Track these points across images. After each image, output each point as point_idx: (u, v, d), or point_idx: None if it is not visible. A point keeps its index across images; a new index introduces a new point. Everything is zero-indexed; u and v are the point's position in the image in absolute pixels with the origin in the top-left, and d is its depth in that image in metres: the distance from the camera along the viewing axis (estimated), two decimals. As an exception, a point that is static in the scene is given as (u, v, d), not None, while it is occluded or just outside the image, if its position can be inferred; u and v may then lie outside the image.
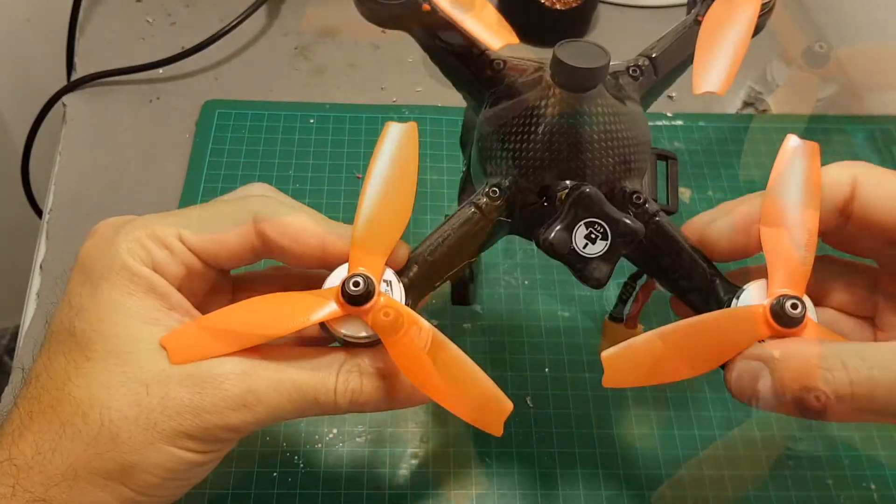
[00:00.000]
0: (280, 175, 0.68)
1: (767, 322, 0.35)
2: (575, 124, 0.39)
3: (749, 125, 0.68)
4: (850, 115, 0.77)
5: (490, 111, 0.43)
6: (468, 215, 0.40)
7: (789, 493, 0.54)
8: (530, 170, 0.40)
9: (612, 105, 0.40)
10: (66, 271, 0.61)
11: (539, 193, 0.40)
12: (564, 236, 0.37)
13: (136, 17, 0.81)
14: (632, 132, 0.41)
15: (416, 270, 0.39)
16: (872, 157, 0.73)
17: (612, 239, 0.37)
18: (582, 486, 0.54)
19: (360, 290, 0.35)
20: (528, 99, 0.41)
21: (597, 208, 0.37)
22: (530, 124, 0.40)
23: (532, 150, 0.40)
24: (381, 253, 0.37)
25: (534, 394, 0.57)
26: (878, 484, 0.55)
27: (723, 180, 0.71)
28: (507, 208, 0.41)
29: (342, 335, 0.37)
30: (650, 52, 0.45)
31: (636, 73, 0.44)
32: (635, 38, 0.83)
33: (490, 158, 0.42)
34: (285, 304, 0.37)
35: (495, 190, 0.40)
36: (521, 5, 0.80)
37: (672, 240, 0.40)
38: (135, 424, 0.34)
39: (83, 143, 0.70)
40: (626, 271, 0.45)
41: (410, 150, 0.39)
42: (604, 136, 0.39)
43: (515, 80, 0.43)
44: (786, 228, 0.37)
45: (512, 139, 0.41)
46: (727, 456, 0.55)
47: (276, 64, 0.78)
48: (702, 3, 0.45)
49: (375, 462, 0.54)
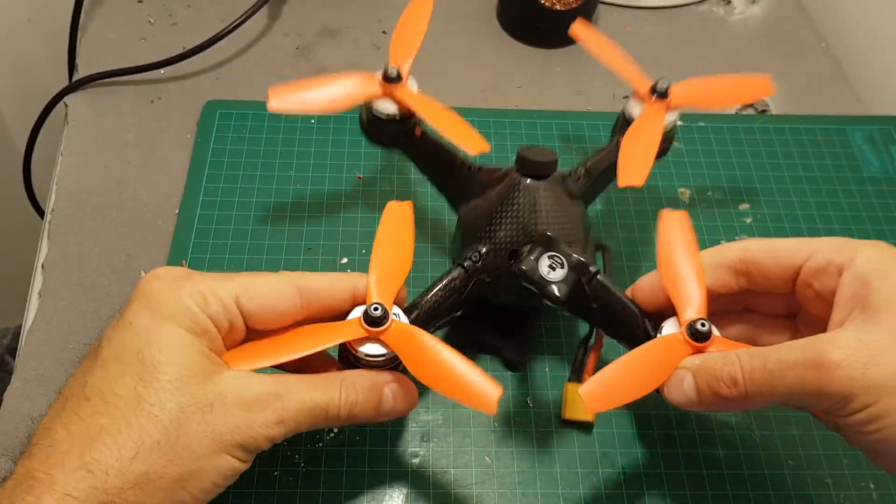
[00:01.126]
0: (281, 175, 0.68)
1: (687, 342, 0.46)
2: (534, 203, 0.53)
3: (748, 125, 0.68)
4: (850, 116, 0.77)
5: (470, 203, 0.56)
6: (456, 273, 0.52)
7: (788, 493, 0.54)
8: (502, 237, 0.53)
9: (559, 192, 0.54)
10: (68, 271, 0.62)
11: (509, 257, 0.53)
12: (533, 265, 0.50)
13: (138, 17, 0.81)
14: (572, 212, 0.54)
15: (417, 314, 0.50)
16: (871, 157, 0.73)
17: (568, 268, 0.50)
18: (581, 485, 0.54)
19: (380, 313, 0.45)
20: (500, 189, 0.54)
21: (555, 246, 0.50)
22: (502, 205, 0.53)
23: (504, 222, 0.53)
24: (389, 294, 0.47)
25: (533, 393, 0.58)
26: (877, 483, 0.55)
27: (722, 181, 0.71)
28: (485, 269, 0.53)
29: (364, 355, 0.46)
30: (586, 163, 0.58)
31: (577, 177, 0.57)
32: (634, 39, 0.84)
33: (472, 233, 0.54)
34: (318, 330, 0.47)
35: (477, 254, 0.53)
36: (522, 7, 0.80)
37: (610, 291, 0.51)
38: (204, 437, 0.41)
39: (85, 144, 0.70)
40: (575, 340, 0.58)
41: (407, 223, 0.51)
42: (553, 211, 0.53)
43: (488, 178, 0.56)
44: (680, 275, 0.48)
45: (489, 218, 0.53)
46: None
47: (277, 64, 0.78)
48: (619, 133, 0.59)
49: (376, 461, 0.54)
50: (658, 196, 0.69)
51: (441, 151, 0.59)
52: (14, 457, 0.41)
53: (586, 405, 0.45)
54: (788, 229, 0.68)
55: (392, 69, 0.57)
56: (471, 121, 0.72)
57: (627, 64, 0.60)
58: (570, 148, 0.72)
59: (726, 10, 0.88)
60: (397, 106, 0.57)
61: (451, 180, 0.59)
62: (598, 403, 0.45)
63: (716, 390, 0.44)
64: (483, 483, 0.54)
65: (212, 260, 0.63)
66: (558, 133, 0.73)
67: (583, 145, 0.72)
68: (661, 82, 0.58)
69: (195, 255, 0.63)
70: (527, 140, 0.72)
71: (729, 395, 0.43)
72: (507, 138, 0.72)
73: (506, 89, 0.78)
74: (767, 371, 0.42)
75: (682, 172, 0.71)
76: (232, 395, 0.42)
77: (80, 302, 0.61)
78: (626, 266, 0.64)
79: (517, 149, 0.54)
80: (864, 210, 0.69)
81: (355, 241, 0.65)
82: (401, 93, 0.57)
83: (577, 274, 0.50)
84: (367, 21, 0.83)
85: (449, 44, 0.81)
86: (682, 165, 0.72)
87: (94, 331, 0.59)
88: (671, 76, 0.57)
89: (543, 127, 0.74)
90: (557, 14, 0.79)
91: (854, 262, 0.44)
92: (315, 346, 0.46)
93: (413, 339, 0.46)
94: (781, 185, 0.71)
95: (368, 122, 0.59)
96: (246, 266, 0.62)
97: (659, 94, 0.58)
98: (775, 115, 0.77)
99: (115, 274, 0.62)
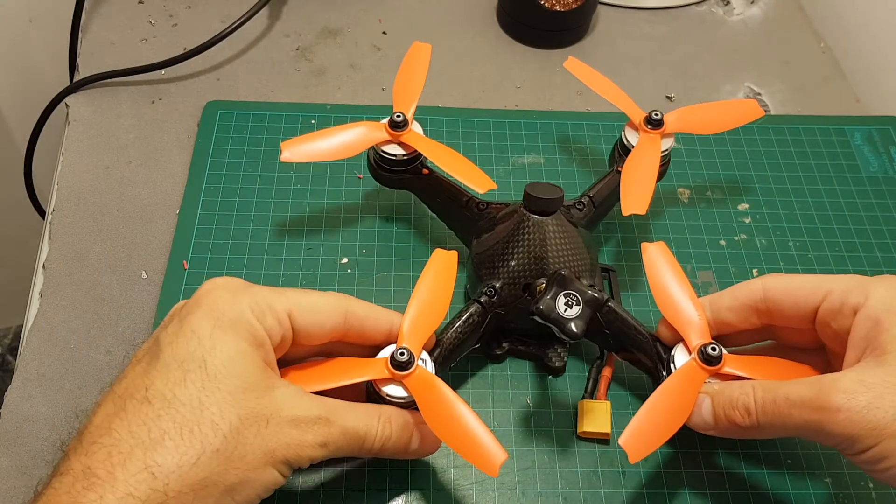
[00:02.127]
0: (281, 175, 0.68)
1: (701, 367, 0.49)
2: (543, 238, 0.55)
3: (748, 125, 0.68)
4: (849, 116, 0.77)
5: (481, 239, 0.58)
6: (473, 309, 0.54)
7: (788, 493, 0.54)
8: (515, 272, 0.55)
9: (566, 225, 0.56)
10: (69, 271, 0.62)
11: (523, 290, 0.55)
12: (550, 304, 0.51)
13: (139, 18, 0.81)
14: (579, 243, 0.56)
15: (439, 351, 0.52)
16: (870, 157, 0.73)
17: (583, 304, 0.51)
18: (581, 484, 0.54)
19: (405, 359, 0.47)
20: (509, 225, 0.56)
21: (569, 284, 0.51)
22: (513, 241, 0.55)
23: (516, 257, 0.55)
24: (419, 339, 0.49)
25: (532, 392, 0.58)
26: (876, 482, 0.55)
27: (721, 181, 0.71)
28: (501, 303, 0.55)
29: (385, 394, 0.48)
30: (589, 193, 0.61)
31: (581, 206, 0.60)
32: (634, 40, 0.84)
33: (486, 269, 0.56)
34: (354, 364, 0.49)
35: (492, 289, 0.55)
36: (523, 8, 0.80)
37: (621, 317, 0.53)
38: (258, 450, 0.42)
39: (86, 144, 0.70)
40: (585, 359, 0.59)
41: (450, 273, 0.53)
42: (562, 244, 0.55)
43: (495, 215, 0.59)
44: (676, 303, 0.51)
45: (501, 254, 0.56)
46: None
47: (277, 65, 0.78)
48: (619, 161, 0.62)
49: (376, 460, 0.54)
50: (658, 196, 0.69)
51: (449, 190, 0.62)
52: (63, 448, 0.42)
53: (630, 457, 0.46)
54: (787, 229, 0.68)
55: (398, 115, 0.59)
56: (471, 121, 0.73)
57: (621, 95, 0.63)
58: (570, 149, 0.72)
59: (725, 10, 0.88)
60: (403, 149, 0.60)
61: (459, 216, 0.62)
62: (639, 451, 0.46)
63: (731, 417, 0.46)
64: (482, 483, 0.54)
65: (212, 260, 0.63)
66: (558, 133, 0.73)
67: (582, 145, 0.72)
68: (654, 113, 0.60)
69: (196, 256, 0.63)
70: (526, 140, 0.72)
71: (742, 424, 0.45)
72: (508, 139, 0.72)
73: (506, 90, 0.78)
74: (777, 407, 0.44)
75: (681, 172, 0.71)
76: (287, 413, 0.43)
77: (80, 301, 0.60)
78: (628, 279, 0.64)
79: (524, 187, 0.56)
80: (863, 210, 0.69)
81: (356, 241, 0.65)
82: (407, 137, 0.60)
83: (593, 309, 0.51)
84: (367, 21, 0.83)
85: (449, 45, 0.81)
86: (681, 165, 0.72)
87: (95, 330, 0.59)
88: (671, 76, 0.57)
89: (543, 127, 0.74)
90: (557, 15, 0.79)
91: (867, 302, 0.45)
92: (346, 380, 0.48)
93: (433, 388, 0.48)
94: (780, 185, 0.71)
95: (377, 165, 0.62)
96: (246, 266, 0.62)
97: (654, 124, 0.60)
98: (774, 116, 0.77)
99: (116, 274, 0.62)
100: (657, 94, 0.78)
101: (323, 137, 0.60)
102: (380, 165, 0.61)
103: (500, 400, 0.57)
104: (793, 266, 0.65)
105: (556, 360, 0.58)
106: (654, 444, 0.47)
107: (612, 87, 0.63)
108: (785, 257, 0.66)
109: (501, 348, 0.58)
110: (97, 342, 0.59)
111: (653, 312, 0.60)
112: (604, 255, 0.65)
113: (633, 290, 0.63)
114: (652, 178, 0.57)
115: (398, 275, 0.63)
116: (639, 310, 0.61)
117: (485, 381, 0.58)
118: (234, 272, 0.62)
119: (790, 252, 0.66)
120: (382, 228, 0.66)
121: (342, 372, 0.49)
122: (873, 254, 0.67)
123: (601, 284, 0.57)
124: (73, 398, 0.56)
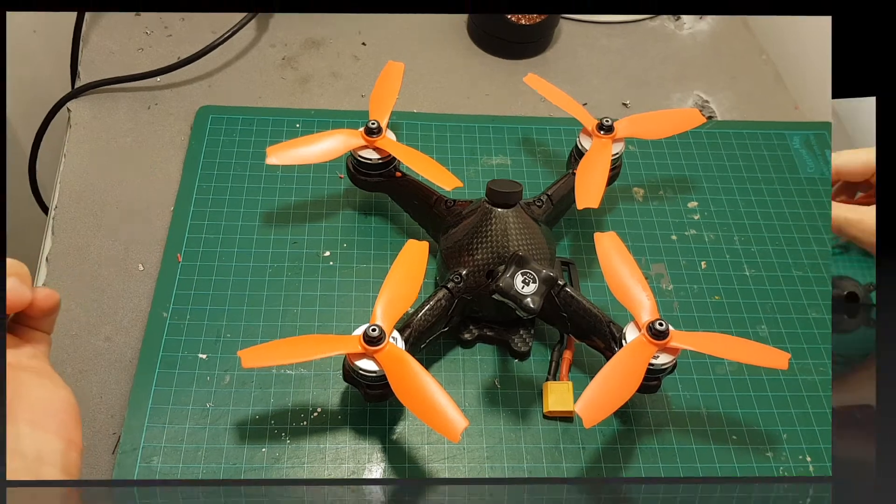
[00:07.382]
0: (268, 175, 0.68)
1: (650, 341, 0.50)
2: (505, 228, 0.56)
3: (697, 130, 0.69)
4: (788, 122, 0.78)
5: (448, 234, 0.59)
6: (441, 294, 0.55)
7: (733, 466, 0.55)
8: (479, 259, 0.56)
9: (526, 218, 0.57)
10: (71, 263, 0.61)
11: (487, 276, 0.56)
12: (509, 282, 0.52)
13: (136, 29, 0.80)
14: (538, 234, 0.57)
15: (410, 331, 0.53)
16: (807, 160, 0.74)
17: (539, 282, 0.52)
18: (545, 459, 0.54)
19: (377, 334, 0.49)
20: (474, 218, 0.57)
21: (526, 263, 0.53)
22: (478, 232, 0.56)
23: (480, 247, 0.56)
24: (391, 319, 0.51)
25: (500, 375, 0.58)
26: (814, 456, 0.55)
27: (673, 181, 0.71)
28: (467, 289, 0.56)
29: (359, 368, 0.49)
30: (548, 192, 0.62)
31: (540, 204, 0.61)
32: (594, 51, 0.84)
33: (453, 258, 0.57)
34: (326, 340, 0.50)
35: (458, 276, 0.56)
36: (491, 22, 0.80)
37: (577, 300, 0.55)
38: None
39: (86, 146, 0.69)
40: (548, 344, 0.60)
41: (421, 261, 0.54)
42: (522, 235, 0.56)
43: (461, 211, 0.60)
44: (627, 286, 0.52)
45: (467, 245, 0.56)
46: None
47: (264, 73, 0.78)
48: (574, 165, 0.63)
49: (357, 437, 0.54)
50: (615, 195, 0.69)
51: (420, 191, 0.63)
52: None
53: (585, 422, 0.46)
54: (733, 225, 0.68)
55: (373, 123, 0.60)
56: (444, 125, 0.73)
57: (575, 105, 0.64)
58: (535, 151, 0.72)
59: (676, 25, 0.88)
60: (378, 153, 0.61)
61: (429, 214, 0.62)
62: (593, 417, 0.47)
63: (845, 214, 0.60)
64: (454, 458, 0.54)
65: (204, 253, 0.62)
66: (523, 137, 0.73)
67: (546, 148, 0.72)
68: (605, 120, 0.62)
69: (189, 249, 0.62)
70: (494, 143, 0.72)
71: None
72: (477, 142, 0.72)
73: (476, 97, 0.78)
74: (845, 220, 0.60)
75: (636, 173, 0.71)
76: None
77: (81, 292, 0.60)
78: (588, 271, 0.65)
79: (487, 183, 0.57)
80: (800, 207, 0.70)
81: (337, 235, 0.65)
82: (381, 142, 0.61)
83: (548, 286, 0.52)
84: (348, 33, 0.82)
85: (424, 56, 0.81)
86: (636, 167, 0.72)
87: (94, 318, 0.58)
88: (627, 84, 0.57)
89: (510, 131, 0.74)
90: (523, 28, 0.79)
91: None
92: (319, 354, 0.49)
93: (402, 363, 0.49)
94: (726, 185, 0.71)
95: (355, 170, 0.62)
96: (235, 259, 0.62)
97: (605, 130, 0.61)
98: (721, 121, 0.78)
99: (115, 266, 0.62)
100: (614, 101, 0.79)
101: (305, 143, 0.61)
102: (357, 170, 0.62)
103: (471, 382, 0.57)
104: (737, 258, 0.66)
105: (522, 345, 0.58)
106: (607, 410, 0.47)
107: (567, 99, 0.64)
108: (730, 251, 0.66)
109: (471, 333, 0.58)
110: (97, 330, 0.58)
111: (610, 301, 0.60)
112: (566, 249, 0.66)
113: (592, 281, 0.63)
114: (603, 177, 0.59)
115: (377, 266, 0.63)
116: (598, 298, 0.61)
117: (456, 364, 0.58)
118: (225, 264, 0.62)
119: (735, 246, 0.67)
120: (362, 224, 0.66)
121: (318, 347, 0.50)
122: (810, 248, 0.67)
123: (561, 275, 0.57)
124: (75, 382, 0.55)
